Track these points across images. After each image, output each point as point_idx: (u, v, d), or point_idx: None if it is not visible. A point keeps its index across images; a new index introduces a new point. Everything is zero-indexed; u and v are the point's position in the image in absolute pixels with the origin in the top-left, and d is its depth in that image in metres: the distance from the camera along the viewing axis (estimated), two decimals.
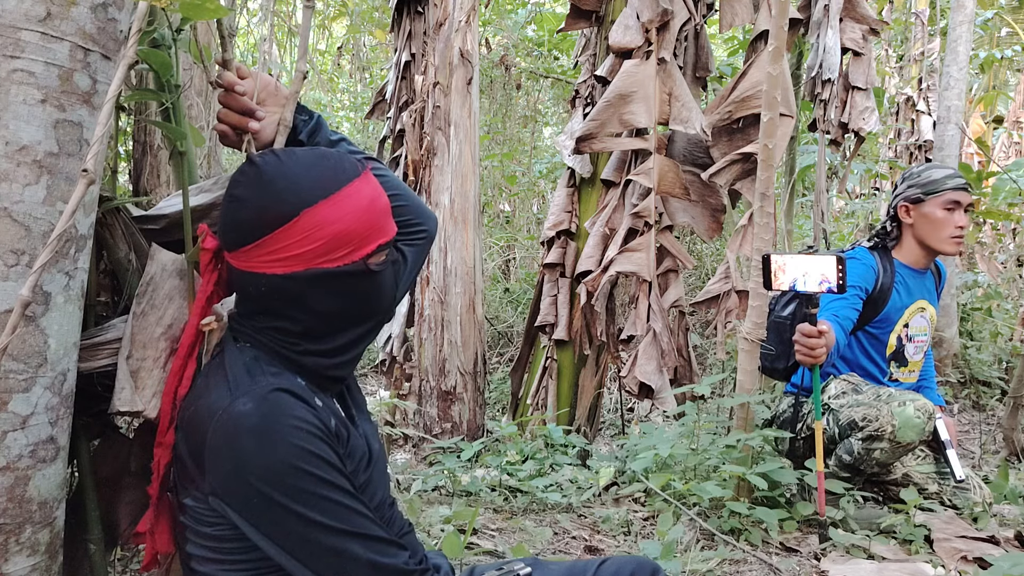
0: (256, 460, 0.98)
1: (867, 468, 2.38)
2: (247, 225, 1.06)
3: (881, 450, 2.31)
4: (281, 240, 1.05)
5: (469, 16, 4.22)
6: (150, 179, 4.61)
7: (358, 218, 1.06)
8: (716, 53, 4.66)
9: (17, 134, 1.06)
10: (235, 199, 1.08)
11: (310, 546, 1.01)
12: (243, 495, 1.00)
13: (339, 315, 1.11)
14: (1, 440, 1.06)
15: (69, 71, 1.10)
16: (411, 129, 4.17)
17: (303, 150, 1.12)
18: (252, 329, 1.12)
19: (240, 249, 1.08)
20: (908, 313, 2.59)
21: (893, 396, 2.34)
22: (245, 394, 1.02)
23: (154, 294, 1.24)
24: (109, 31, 1.14)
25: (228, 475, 1.01)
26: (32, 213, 1.07)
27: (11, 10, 1.06)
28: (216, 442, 1.01)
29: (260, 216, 1.05)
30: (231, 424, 1.00)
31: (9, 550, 1.07)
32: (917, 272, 2.61)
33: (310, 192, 1.05)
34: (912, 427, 2.26)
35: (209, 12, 1.10)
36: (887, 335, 2.58)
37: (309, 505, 0.99)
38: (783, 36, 2.41)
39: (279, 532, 1.01)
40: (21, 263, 1.07)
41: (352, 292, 1.09)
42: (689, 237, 6.53)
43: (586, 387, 3.67)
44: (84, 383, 1.21)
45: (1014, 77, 9.62)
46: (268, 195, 1.05)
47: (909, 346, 2.64)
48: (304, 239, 1.04)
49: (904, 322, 2.60)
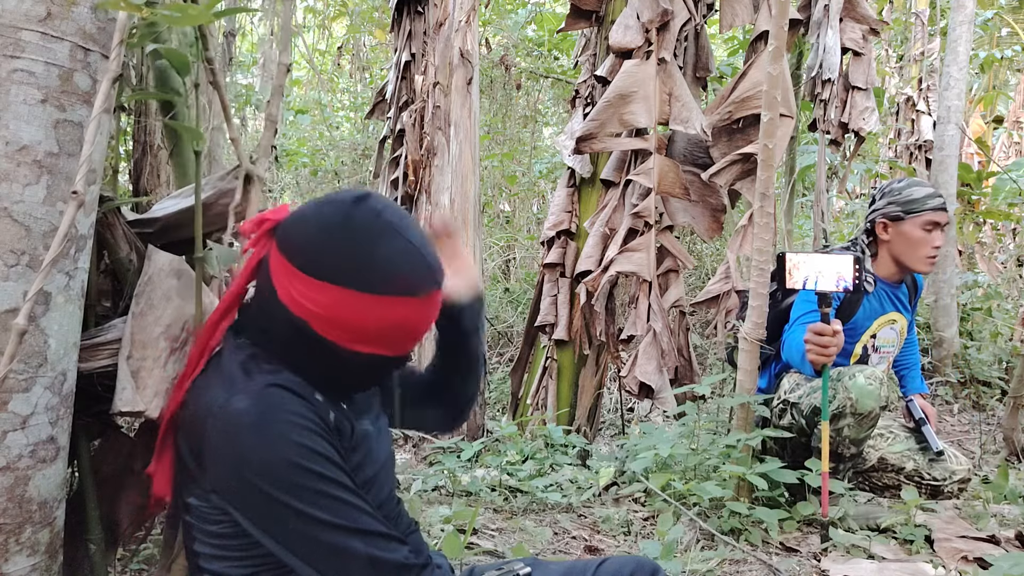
0: (254, 457, 0.98)
1: (843, 450, 2.39)
2: (311, 253, 1.02)
3: (848, 426, 2.33)
4: (321, 293, 1.01)
5: (469, 16, 4.22)
6: (150, 179, 4.61)
7: (373, 328, 1.02)
8: (716, 53, 4.66)
9: (17, 134, 1.06)
10: (326, 223, 1.03)
11: (310, 543, 1.01)
12: (243, 492, 1.00)
13: (335, 374, 1.09)
14: (1, 440, 1.06)
15: (69, 71, 1.10)
16: (411, 129, 4.17)
17: (411, 233, 1.05)
18: (259, 329, 1.10)
19: (290, 263, 1.03)
20: (876, 324, 2.58)
21: (843, 372, 2.36)
22: (241, 391, 1.01)
23: (152, 294, 1.24)
24: (110, 31, 1.14)
25: (228, 472, 1.00)
26: (32, 213, 1.07)
27: (11, 10, 1.06)
28: (215, 440, 1.01)
29: (324, 259, 1.01)
30: (229, 422, 1.00)
31: (9, 550, 1.07)
32: (890, 285, 2.60)
33: (355, 277, 1.01)
34: (867, 394, 2.28)
35: (191, 19, 1.10)
36: (853, 344, 2.56)
37: (308, 502, 0.99)
38: (783, 36, 2.41)
39: (279, 529, 1.01)
40: (21, 263, 1.07)
41: (325, 357, 1.06)
42: (689, 237, 6.53)
43: (586, 387, 3.67)
44: (85, 383, 1.21)
45: (1014, 77, 9.62)
46: (347, 251, 1.01)
47: (874, 356, 2.62)
48: (314, 302, 1.01)
49: (872, 332, 2.59)
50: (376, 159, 4.69)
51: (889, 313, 2.61)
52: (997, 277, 6.68)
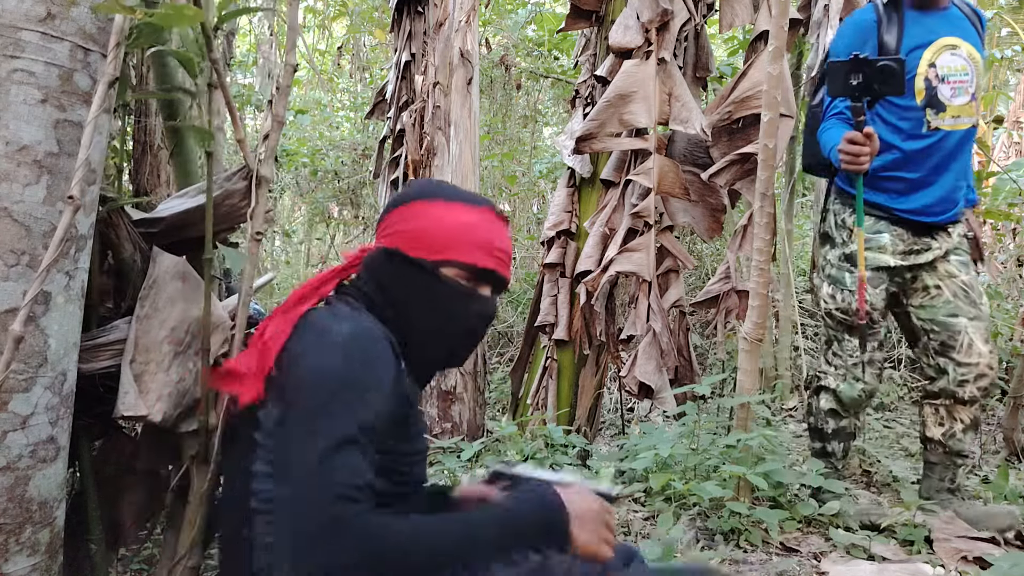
0: (320, 359, 1.03)
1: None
2: (401, 194, 1.24)
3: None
4: (394, 216, 1.20)
5: (469, 16, 4.22)
6: (150, 179, 4.61)
7: (449, 228, 1.16)
8: (716, 53, 4.65)
9: (17, 134, 1.06)
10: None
11: (293, 444, 1.00)
12: (288, 381, 1.04)
13: (405, 306, 1.17)
14: (1, 440, 1.06)
15: (69, 71, 1.10)
16: (411, 129, 4.17)
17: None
18: (361, 291, 1.20)
19: (385, 214, 1.24)
20: (930, 53, 2.36)
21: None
22: (347, 320, 1.09)
23: (157, 297, 1.24)
24: (110, 31, 1.14)
25: (291, 363, 1.05)
26: (32, 213, 1.07)
27: (11, 10, 1.06)
28: (304, 346, 1.06)
29: (410, 190, 1.24)
30: (324, 332, 1.07)
31: (9, 550, 1.07)
32: (932, 11, 2.41)
33: (437, 192, 1.21)
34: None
35: (186, 19, 1.10)
36: (911, 95, 2.37)
37: (324, 415, 1.00)
38: (783, 36, 2.41)
39: (285, 428, 1.02)
40: (21, 263, 1.06)
41: (415, 288, 1.16)
42: (689, 237, 6.53)
43: (586, 387, 3.67)
44: (86, 384, 1.21)
45: (1014, 77, 9.62)
46: (427, 183, 1.25)
47: (943, 88, 2.37)
48: (403, 220, 1.19)
49: (928, 62, 2.36)
50: (376, 159, 4.69)
51: (944, 38, 2.38)
52: (997, 277, 6.67)
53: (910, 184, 2.42)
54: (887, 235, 2.44)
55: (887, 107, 2.42)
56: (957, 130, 2.40)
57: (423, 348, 1.19)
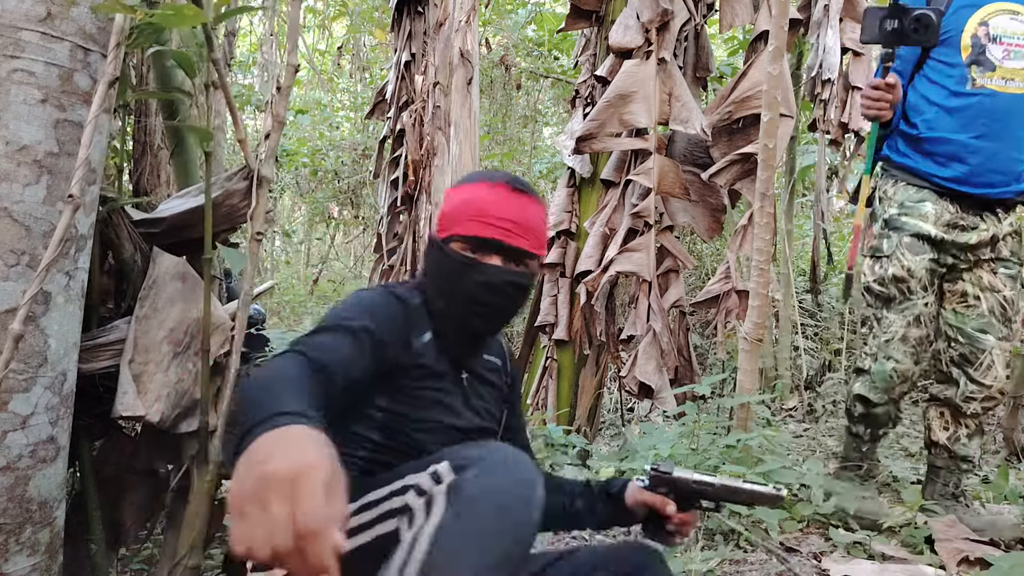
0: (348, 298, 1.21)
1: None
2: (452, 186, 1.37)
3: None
4: (445, 199, 1.31)
5: (469, 16, 4.22)
6: (150, 179, 4.60)
7: (454, 206, 1.27)
8: (716, 53, 4.65)
9: (17, 134, 1.06)
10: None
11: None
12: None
13: (432, 284, 1.29)
14: (1, 440, 1.06)
15: (69, 71, 1.10)
16: (411, 129, 4.17)
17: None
18: (421, 279, 1.34)
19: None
20: (983, 12, 2.25)
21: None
22: (377, 288, 1.26)
23: (156, 297, 1.24)
24: (110, 31, 1.14)
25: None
26: (32, 213, 1.07)
27: (11, 10, 1.06)
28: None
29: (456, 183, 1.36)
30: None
31: (9, 550, 1.07)
32: None
33: (465, 179, 1.33)
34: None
35: (186, 19, 1.10)
36: (955, 51, 2.26)
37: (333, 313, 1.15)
38: (783, 36, 2.41)
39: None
40: (21, 263, 1.06)
41: (432, 265, 1.29)
42: (689, 237, 6.53)
43: (586, 387, 3.67)
44: (86, 384, 1.21)
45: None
46: (467, 175, 1.36)
47: (994, 47, 2.25)
48: (445, 203, 1.30)
49: (979, 21, 2.25)
50: (376, 159, 4.69)
51: (1003, 3, 2.26)
52: None
53: (954, 147, 2.30)
54: (930, 204, 2.33)
55: (932, 65, 2.33)
56: (1008, 93, 2.27)
57: (445, 320, 1.29)
